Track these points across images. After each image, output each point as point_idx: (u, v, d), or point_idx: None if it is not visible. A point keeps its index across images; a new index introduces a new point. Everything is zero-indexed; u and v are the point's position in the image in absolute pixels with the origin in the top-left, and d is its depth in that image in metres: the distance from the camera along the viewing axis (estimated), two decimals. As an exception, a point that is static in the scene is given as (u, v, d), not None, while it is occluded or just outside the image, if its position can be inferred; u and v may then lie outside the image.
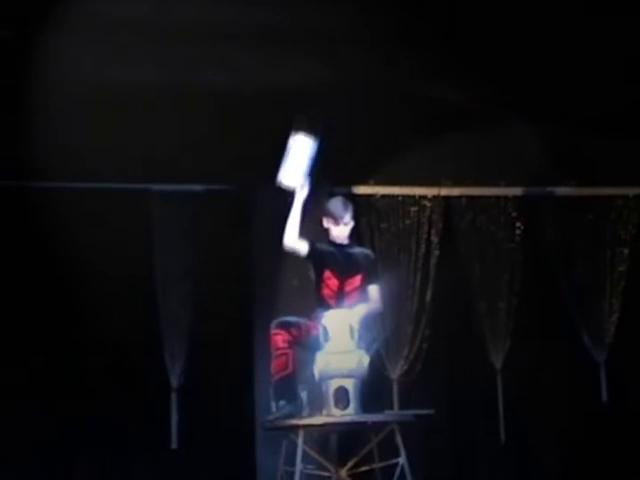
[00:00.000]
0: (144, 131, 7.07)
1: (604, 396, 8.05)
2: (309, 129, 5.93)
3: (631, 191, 8.27)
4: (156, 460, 7.39)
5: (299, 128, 5.95)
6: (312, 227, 6.57)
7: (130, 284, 7.33)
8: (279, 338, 5.73)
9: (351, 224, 6.03)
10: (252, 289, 7.54)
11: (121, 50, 6.71)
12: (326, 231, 6.06)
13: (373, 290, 5.96)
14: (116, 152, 7.12)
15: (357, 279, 5.88)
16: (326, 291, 5.87)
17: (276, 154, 7.26)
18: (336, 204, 6.06)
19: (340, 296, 5.85)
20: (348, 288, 5.87)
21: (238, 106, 7.07)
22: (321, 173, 7.38)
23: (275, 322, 5.82)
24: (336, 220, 5.97)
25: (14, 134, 6.78)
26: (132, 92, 6.89)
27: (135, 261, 7.40)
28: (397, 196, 7.98)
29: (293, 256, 7.01)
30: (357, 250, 6.13)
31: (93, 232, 7.22)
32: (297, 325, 5.80)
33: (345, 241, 6.02)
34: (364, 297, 5.90)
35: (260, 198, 7.58)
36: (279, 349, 5.74)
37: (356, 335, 5.66)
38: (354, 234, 6.17)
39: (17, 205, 7.19)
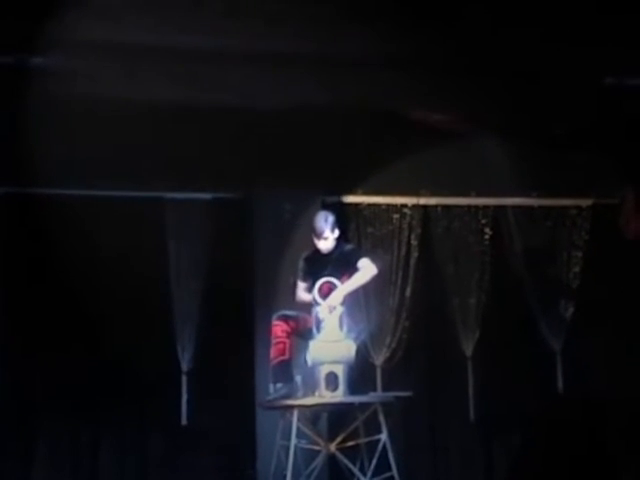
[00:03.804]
0: (161, 144, 7.10)
1: (559, 379, 8.11)
2: None
3: (584, 202, 8.33)
4: (169, 434, 7.48)
5: None
6: (308, 236, 6.75)
7: (147, 283, 7.40)
8: (278, 328, 5.88)
9: (332, 236, 6.01)
10: (253, 286, 7.58)
11: (137, 67, 6.61)
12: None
13: (364, 261, 5.98)
14: (135, 164, 7.17)
15: (344, 279, 5.94)
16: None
17: (277, 167, 7.41)
18: (318, 220, 6.03)
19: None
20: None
21: (245, 123, 7.07)
22: (313, 185, 7.63)
23: (276, 314, 5.97)
24: (317, 235, 6.01)
25: (36, 144, 6.68)
26: (150, 109, 6.79)
27: (152, 262, 7.46)
28: (381, 204, 8.02)
29: (289, 257, 7.15)
30: (342, 251, 6.10)
31: (115, 236, 7.26)
32: (295, 318, 5.95)
33: (329, 250, 6.04)
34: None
35: (262, 206, 7.68)
36: (278, 337, 5.87)
37: (345, 326, 5.78)
38: (341, 238, 6.19)
39: (40, 211, 7.20)
